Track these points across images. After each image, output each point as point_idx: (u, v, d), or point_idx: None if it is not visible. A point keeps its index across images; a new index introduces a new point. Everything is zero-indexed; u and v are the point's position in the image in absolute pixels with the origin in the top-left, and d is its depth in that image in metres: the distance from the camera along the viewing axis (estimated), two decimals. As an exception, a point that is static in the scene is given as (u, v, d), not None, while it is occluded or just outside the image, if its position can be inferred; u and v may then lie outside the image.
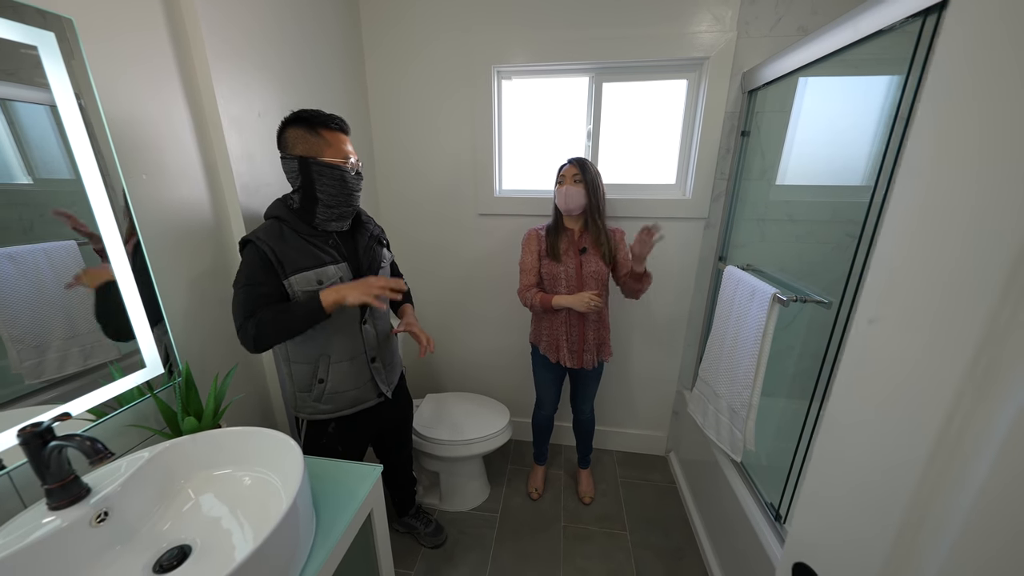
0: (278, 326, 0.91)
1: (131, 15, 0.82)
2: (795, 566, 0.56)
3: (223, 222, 1.05)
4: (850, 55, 0.94)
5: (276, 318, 0.90)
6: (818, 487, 0.54)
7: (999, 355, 0.34)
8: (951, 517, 0.38)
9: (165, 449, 0.73)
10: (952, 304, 0.37)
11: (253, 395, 1.16)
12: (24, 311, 0.69)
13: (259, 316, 0.90)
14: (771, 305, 1.11)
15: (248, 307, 0.91)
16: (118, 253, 0.79)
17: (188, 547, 0.65)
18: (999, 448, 0.34)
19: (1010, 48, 0.32)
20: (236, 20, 1.01)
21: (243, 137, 1.05)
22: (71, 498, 0.61)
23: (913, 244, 0.41)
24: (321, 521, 0.73)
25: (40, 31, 0.65)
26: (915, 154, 0.40)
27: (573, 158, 1.35)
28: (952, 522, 0.38)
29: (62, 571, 0.57)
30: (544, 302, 1.35)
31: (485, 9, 1.47)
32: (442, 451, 1.51)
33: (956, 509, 0.37)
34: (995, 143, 0.34)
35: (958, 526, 0.37)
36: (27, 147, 0.68)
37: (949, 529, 0.38)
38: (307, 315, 0.91)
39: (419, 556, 1.46)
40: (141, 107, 0.84)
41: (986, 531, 0.35)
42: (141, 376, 0.83)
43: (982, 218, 0.34)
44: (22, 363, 0.69)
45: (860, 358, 0.47)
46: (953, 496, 0.37)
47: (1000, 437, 0.34)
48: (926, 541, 0.40)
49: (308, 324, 0.93)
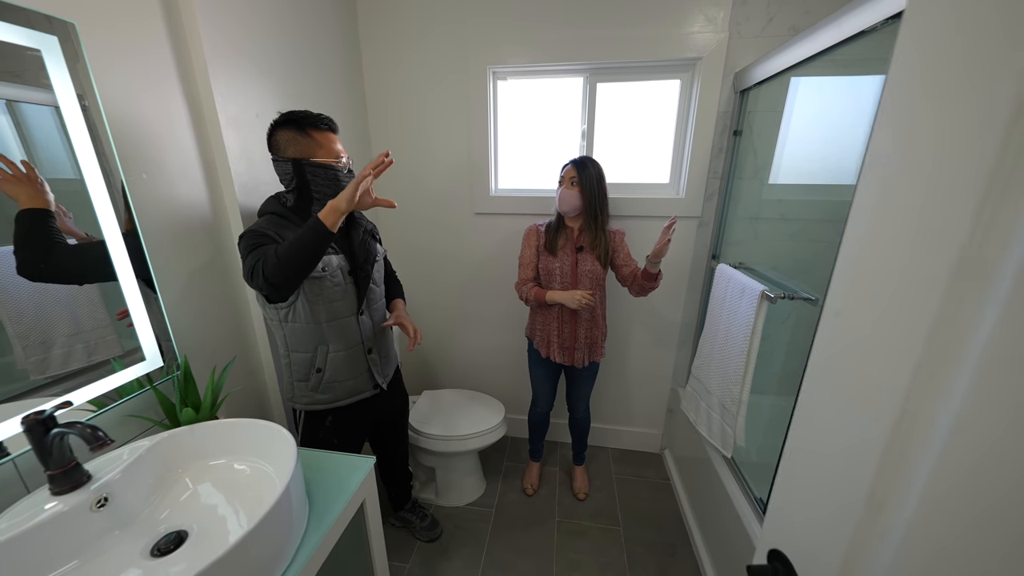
0: (282, 252, 0.84)
1: (131, 18, 0.84)
2: (770, 552, 0.58)
3: (221, 220, 1.08)
4: (839, 55, 0.95)
5: (280, 248, 0.85)
6: (790, 476, 0.56)
7: (948, 343, 0.35)
8: (907, 499, 0.39)
9: (164, 439, 0.75)
10: (905, 295, 0.38)
11: (250, 388, 1.19)
12: (29, 308, 0.70)
13: (266, 251, 0.86)
14: (759, 302, 1.12)
15: (256, 255, 0.87)
16: (119, 249, 0.81)
17: (185, 532, 0.67)
18: (948, 433, 0.36)
19: (959, 60, 0.34)
20: (234, 24, 1.04)
21: (241, 137, 1.07)
22: (73, 484, 0.63)
23: (873, 239, 0.43)
24: (314, 509, 0.76)
25: (44, 35, 0.67)
26: (874, 153, 0.42)
27: (575, 159, 1.35)
28: (908, 503, 0.39)
29: (63, 553, 0.60)
30: (538, 296, 1.38)
31: (480, 11, 1.49)
32: (438, 446, 1.53)
33: (911, 490, 0.39)
34: (939, 144, 0.36)
35: (912, 506, 0.38)
36: (33, 147, 0.70)
37: (905, 510, 0.39)
38: (311, 232, 0.85)
39: (415, 550, 1.49)
40: (141, 108, 0.87)
41: (938, 509, 0.37)
42: (141, 368, 0.85)
43: (930, 214, 0.36)
44: (27, 359, 0.71)
45: (828, 349, 0.49)
46: (908, 478, 0.39)
47: (948, 424, 0.36)
48: (885, 522, 0.42)
49: (317, 245, 0.86)
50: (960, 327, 0.34)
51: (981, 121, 0.32)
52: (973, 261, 0.33)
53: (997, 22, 0.31)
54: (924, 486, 0.38)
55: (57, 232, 0.74)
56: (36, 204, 0.71)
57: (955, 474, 0.35)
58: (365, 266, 1.09)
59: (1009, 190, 0.31)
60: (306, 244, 0.85)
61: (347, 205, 0.85)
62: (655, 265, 1.30)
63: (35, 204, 0.71)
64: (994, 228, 0.32)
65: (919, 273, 0.37)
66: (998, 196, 0.31)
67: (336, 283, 1.01)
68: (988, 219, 0.32)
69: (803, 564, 0.52)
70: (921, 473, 0.38)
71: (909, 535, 0.39)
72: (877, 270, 0.42)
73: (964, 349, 0.34)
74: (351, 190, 0.85)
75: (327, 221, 0.85)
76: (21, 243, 0.69)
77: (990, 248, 0.32)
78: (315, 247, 0.86)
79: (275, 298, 0.96)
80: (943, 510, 0.36)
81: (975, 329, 0.33)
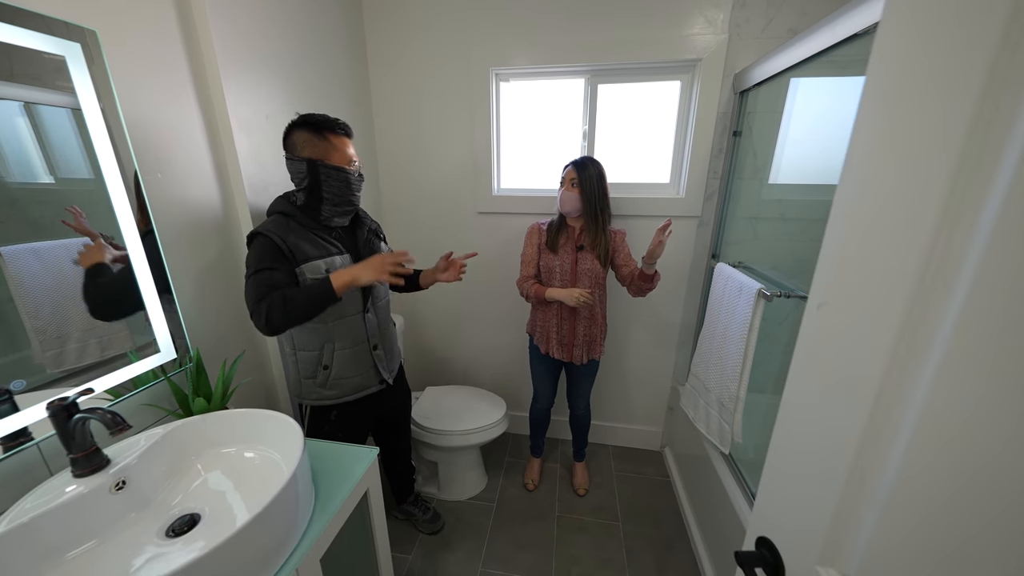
0: (290, 308, 0.91)
1: (147, 24, 0.88)
2: (758, 540, 0.60)
3: (232, 218, 1.11)
4: (837, 55, 0.96)
5: (288, 300, 0.91)
6: (776, 465, 0.58)
7: (917, 332, 0.37)
8: (882, 481, 0.41)
9: (178, 427, 0.79)
10: (879, 289, 0.40)
11: (258, 381, 1.22)
12: (46, 303, 0.73)
13: (271, 298, 0.91)
14: (756, 300, 1.14)
15: (260, 290, 0.92)
16: (135, 247, 0.85)
17: (197, 515, 0.70)
18: (919, 417, 0.38)
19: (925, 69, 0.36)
20: (245, 28, 1.07)
21: (251, 138, 1.11)
22: (93, 467, 0.67)
23: (851, 237, 0.45)
24: (320, 497, 0.79)
25: (68, 42, 0.71)
26: (851, 156, 0.44)
27: (576, 160, 1.36)
28: (883, 485, 0.41)
29: (84, 533, 0.63)
30: (538, 293, 1.40)
31: (484, 14, 1.52)
32: (440, 441, 1.56)
33: (886, 473, 0.41)
34: (908, 148, 0.38)
35: (887, 488, 0.40)
36: (49, 148, 0.72)
37: (880, 491, 0.41)
38: (319, 297, 0.93)
39: (417, 542, 1.52)
40: (156, 110, 0.91)
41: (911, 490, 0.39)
42: (155, 360, 0.89)
43: (900, 213, 0.38)
44: (44, 353, 0.73)
45: (810, 341, 0.51)
46: (883, 461, 0.41)
47: (919, 408, 0.38)
48: (862, 509, 0.44)
49: (320, 306, 0.94)
50: (928, 318, 0.36)
51: (942, 127, 0.34)
52: (939, 257, 0.35)
53: (959, 31, 0.33)
54: (898, 468, 0.40)
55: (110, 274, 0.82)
56: (96, 260, 0.79)
57: (927, 456, 0.37)
58: None
59: (971, 188, 0.33)
60: (313, 307, 0.94)
61: (366, 281, 0.95)
62: (650, 266, 1.32)
63: (96, 260, 0.79)
64: (958, 227, 0.34)
65: (892, 269, 0.39)
66: (960, 195, 0.33)
67: None
68: (953, 218, 0.34)
69: (788, 549, 0.54)
70: (895, 456, 0.40)
71: (884, 516, 0.41)
72: (855, 266, 0.44)
73: (932, 339, 0.36)
74: (373, 273, 0.94)
75: (337, 284, 0.93)
76: (91, 295, 0.79)
77: (954, 245, 0.34)
78: (320, 309, 0.95)
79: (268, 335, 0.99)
80: (915, 491, 0.38)
81: (941, 319, 0.35)
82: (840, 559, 0.47)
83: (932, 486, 0.37)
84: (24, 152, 0.70)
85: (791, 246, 1.50)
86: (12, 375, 0.69)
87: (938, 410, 0.36)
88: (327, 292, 0.92)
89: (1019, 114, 0.29)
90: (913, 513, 0.39)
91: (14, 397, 0.68)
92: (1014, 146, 0.30)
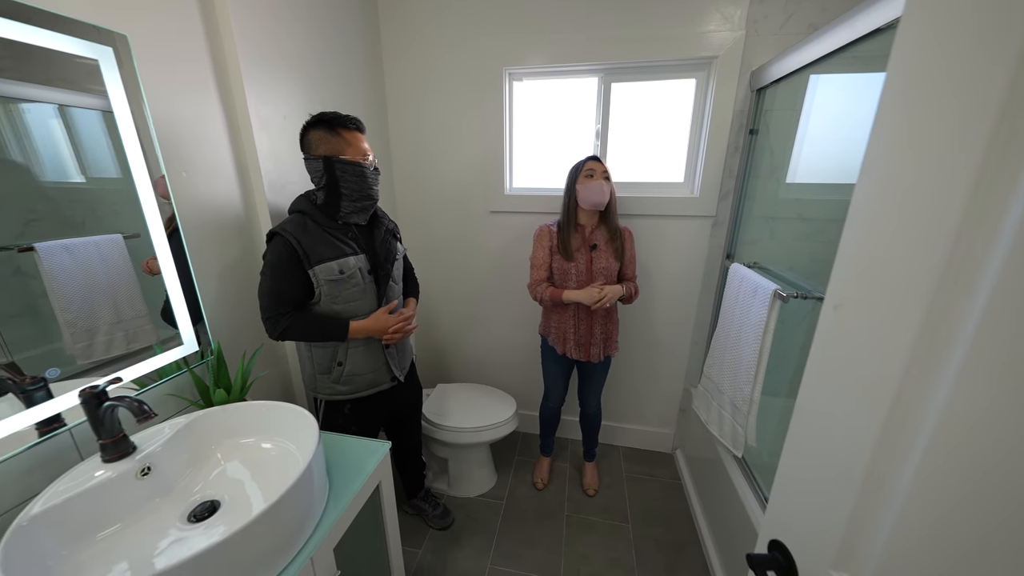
0: (307, 333, 1.05)
1: (174, 28, 0.91)
2: (770, 543, 0.60)
3: (252, 216, 1.15)
4: (858, 51, 0.94)
5: (307, 327, 1.04)
6: (790, 468, 0.57)
7: (938, 333, 0.37)
8: (899, 483, 0.41)
9: (200, 417, 0.82)
10: (898, 289, 0.40)
11: (275, 374, 1.26)
12: (77, 298, 0.76)
13: (291, 319, 1.01)
14: (771, 301, 1.12)
15: (274, 297, 1.00)
16: (161, 243, 0.88)
17: (218, 502, 0.73)
18: (937, 422, 0.37)
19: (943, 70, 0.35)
20: (266, 31, 1.10)
21: (271, 138, 1.14)
22: (120, 453, 0.70)
23: (870, 233, 0.44)
24: (333, 488, 0.81)
25: (101, 47, 0.74)
26: (870, 156, 0.44)
27: (594, 156, 1.38)
28: (898, 492, 0.41)
29: (112, 515, 0.66)
30: (554, 296, 1.39)
31: (498, 14, 1.53)
32: (450, 437, 1.57)
33: (901, 480, 0.40)
34: (928, 148, 0.37)
35: (904, 489, 0.40)
36: (81, 149, 0.75)
37: (899, 493, 0.41)
38: (332, 335, 1.06)
39: (427, 536, 1.54)
40: (182, 111, 0.94)
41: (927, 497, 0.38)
42: (179, 352, 0.92)
43: (920, 213, 0.38)
44: (74, 345, 0.76)
45: (826, 343, 0.50)
46: (901, 462, 0.40)
47: (937, 413, 0.37)
48: (879, 512, 0.43)
49: (329, 340, 1.08)
50: (950, 320, 0.36)
51: (965, 126, 0.33)
52: (961, 258, 0.34)
53: (975, 34, 0.33)
54: (916, 470, 0.39)
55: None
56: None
57: (944, 458, 0.36)
58: (385, 264, 1.13)
59: (994, 189, 0.32)
60: (325, 339, 1.08)
61: (377, 335, 1.10)
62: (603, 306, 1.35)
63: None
64: (981, 226, 0.33)
65: (911, 270, 0.38)
66: (983, 197, 0.33)
67: (355, 283, 1.06)
68: (975, 218, 0.33)
69: (801, 552, 0.54)
70: (914, 458, 0.39)
71: (901, 518, 0.40)
72: (873, 267, 0.43)
73: (953, 341, 0.36)
74: (380, 334, 1.10)
75: (352, 329, 1.05)
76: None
77: (976, 246, 0.33)
78: (328, 340, 1.09)
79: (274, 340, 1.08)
80: (932, 493, 0.38)
81: (962, 322, 0.35)
82: (855, 563, 0.46)
83: (949, 487, 0.36)
84: (58, 153, 0.73)
85: (809, 246, 1.47)
86: (45, 365, 0.72)
87: (958, 412, 0.35)
88: (341, 334, 1.06)
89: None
90: (929, 515, 0.38)
91: (48, 385, 0.72)
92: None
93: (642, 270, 1.68)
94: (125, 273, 0.83)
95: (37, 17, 0.66)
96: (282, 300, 1.00)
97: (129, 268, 0.84)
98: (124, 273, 0.83)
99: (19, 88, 0.67)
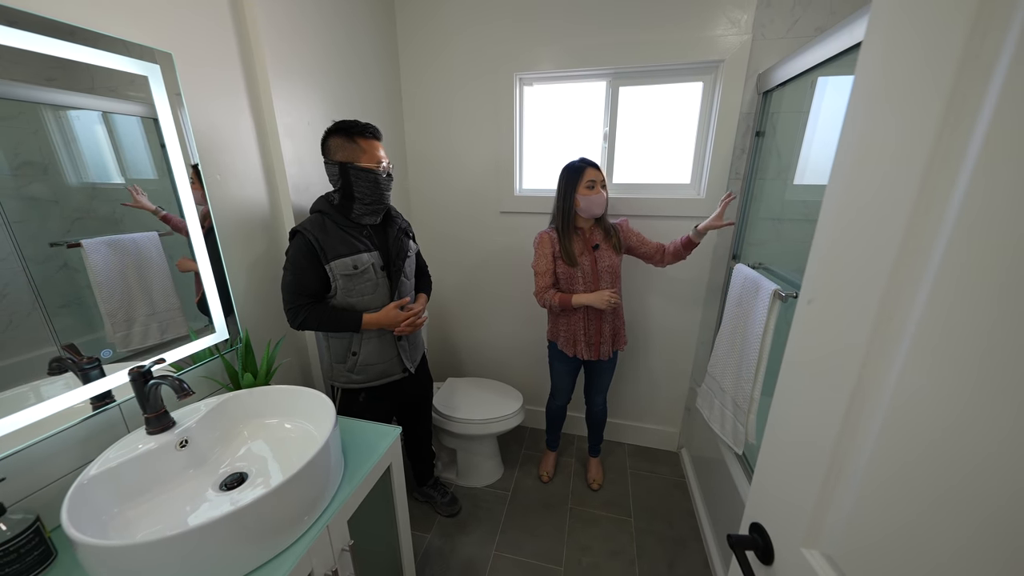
0: (323, 324, 1.12)
1: (211, 45, 1.00)
2: (751, 525, 0.64)
3: (276, 215, 1.23)
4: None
5: (324, 318, 1.11)
6: (769, 454, 0.61)
7: (890, 326, 0.40)
8: (857, 468, 0.45)
9: (230, 398, 0.90)
10: (859, 284, 0.44)
11: (296, 362, 1.34)
12: (117, 290, 0.83)
13: (309, 310, 1.09)
14: (772, 301, 1.14)
15: (295, 290, 1.08)
16: (198, 240, 0.97)
17: (245, 474, 0.80)
18: (888, 405, 0.41)
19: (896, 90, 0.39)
20: (291, 45, 1.18)
21: (295, 143, 1.22)
22: (162, 427, 0.78)
23: (835, 233, 0.48)
24: (348, 467, 0.88)
25: (151, 64, 0.83)
26: (839, 159, 0.48)
27: (591, 161, 1.38)
28: (857, 471, 0.44)
29: (154, 481, 0.75)
30: (563, 302, 1.40)
31: (509, 21, 1.58)
32: (458, 428, 1.64)
33: (860, 459, 0.44)
34: (883, 155, 0.41)
35: (862, 474, 0.44)
36: (122, 152, 0.82)
37: (855, 478, 0.44)
38: (347, 326, 1.14)
39: (435, 523, 1.60)
40: (217, 119, 1.03)
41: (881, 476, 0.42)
42: (211, 340, 1.01)
43: (876, 214, 0.42)
44: (115, 334, 0.83)
45: (801, 335, 0.54)
46: (858, 448, 0.44)
47: (889, 397, 0.41)
48: (841, 491, 0.47)
49: (344, 331, 1.16)
50: (897, 314, 0.40)
51: (912, 134, 0.37)
52: (908, 257, 0.38)
53: (922, 59, 0.37)
54: (872, 451, 0.43)
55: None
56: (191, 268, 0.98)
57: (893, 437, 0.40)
58: (397, 261, 1.21)
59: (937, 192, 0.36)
60: (340, 330, 1.15)
61: (388, 328, 1.19)
62: (700, 236, 1.38)
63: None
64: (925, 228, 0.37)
65: (868, 267, 0.42)
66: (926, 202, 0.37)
67: (368, 279, 1.14)
68: (920, 220, 0.37)
69: (777, 533, 0.58)
70: (869, 440, 0.43)
71: (861, 496, 0.44)
72: (838, 264, 0.47)
73: (901, 331, 0.39)
74: (391, 327, 1.18)
75: (364, 321, 1.13)
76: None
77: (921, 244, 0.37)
78: (343, 331, 1.16)
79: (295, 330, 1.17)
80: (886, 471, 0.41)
81: (907, 315, 0.39)
82: (822, 540, 0.50)
83: (898, 464, 0.40)
84: (101, 156, 0.80)
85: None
86: (97, 348, 0.81)
87: (905, 395, 0.39)
88: (355, 326, 1.14)
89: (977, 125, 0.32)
90: (885, 492, 0.42)
91: (102, 365, 0.81)
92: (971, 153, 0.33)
93: (648, 271, 1.71)
94: (160, 268, 0.90)
95: (103, 41, 0.76)
96: (301, 293, 1.08)
97: (164, 263, 0.91)
98: (159, 268, 0.90)
99: (68, 97, 0.73)
